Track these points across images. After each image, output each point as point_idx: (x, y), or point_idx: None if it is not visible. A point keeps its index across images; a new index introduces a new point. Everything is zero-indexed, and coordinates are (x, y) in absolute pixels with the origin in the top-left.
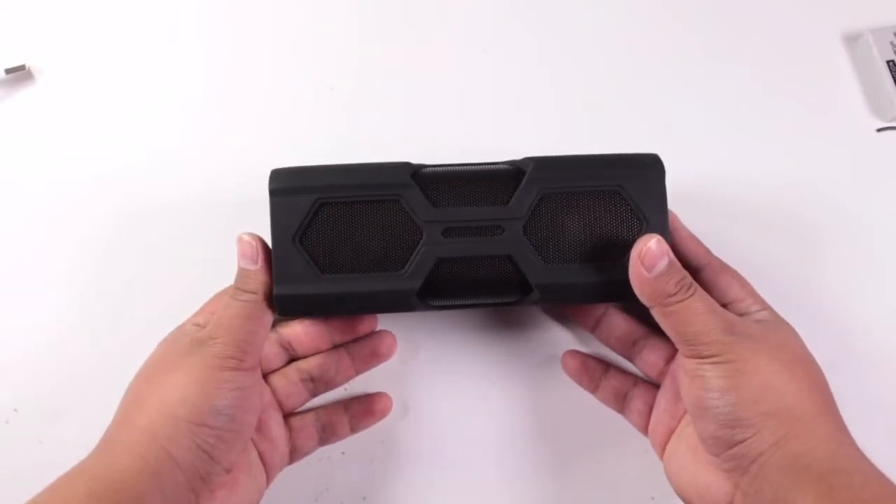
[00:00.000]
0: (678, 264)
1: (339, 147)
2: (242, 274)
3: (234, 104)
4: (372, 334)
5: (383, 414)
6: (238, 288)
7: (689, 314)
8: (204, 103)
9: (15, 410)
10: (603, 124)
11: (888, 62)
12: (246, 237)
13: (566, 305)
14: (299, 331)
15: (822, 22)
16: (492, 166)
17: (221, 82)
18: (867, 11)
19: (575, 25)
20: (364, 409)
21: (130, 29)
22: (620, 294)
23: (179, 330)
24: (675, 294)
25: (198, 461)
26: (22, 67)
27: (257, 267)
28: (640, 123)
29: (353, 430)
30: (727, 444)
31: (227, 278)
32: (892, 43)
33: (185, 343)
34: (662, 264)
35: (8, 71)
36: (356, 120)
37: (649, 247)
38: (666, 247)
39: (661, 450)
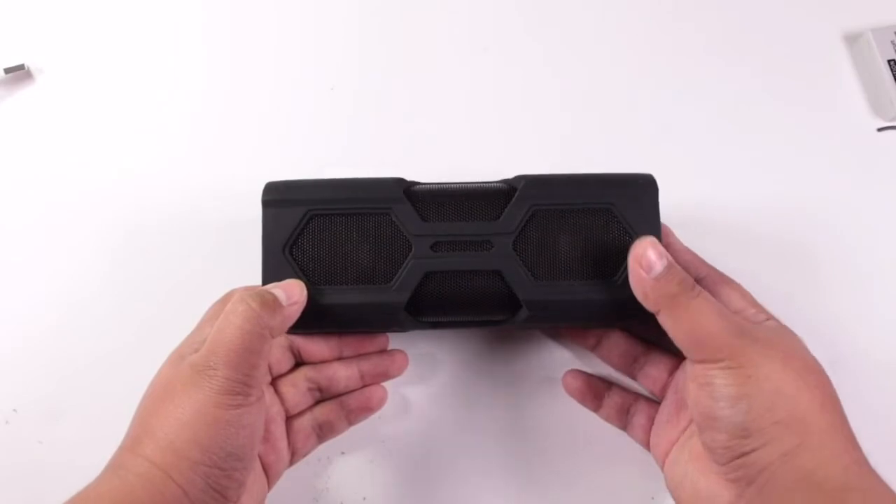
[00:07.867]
0: (678, 267)
1: (340, 150)
2: (269, 300)
3: (234, 103)
4: (383, 353)
5: (380, 405)
6: (245, 301)
7: (698, 315)
8: (204, 103)
9: (15, 410)
10: (603, 123)
11: (889, 61)
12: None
13: (555, 327)
14: (304, 341)
15: (823, 22)
16: (484, 184)
17: (221, 81)
18: (867, 11)
19: (574, 26)
20: (361, 405)
21: (130, 28)
22: (610, 312)
23: (180, 349)
24: (680, 294)
25: (211, 499)
26: (21, 67)
27: (287, 305)
28: (639, 126)
29: (351, 423)
30: (736, 454)
31: (226, 276)
32: (892, 42)
33: (185, 369)
34: (661, 265)
35: (7, 70)
36: (357, 122)
37: (645, 248)
38: (662, 248)
39: (663, 461)
